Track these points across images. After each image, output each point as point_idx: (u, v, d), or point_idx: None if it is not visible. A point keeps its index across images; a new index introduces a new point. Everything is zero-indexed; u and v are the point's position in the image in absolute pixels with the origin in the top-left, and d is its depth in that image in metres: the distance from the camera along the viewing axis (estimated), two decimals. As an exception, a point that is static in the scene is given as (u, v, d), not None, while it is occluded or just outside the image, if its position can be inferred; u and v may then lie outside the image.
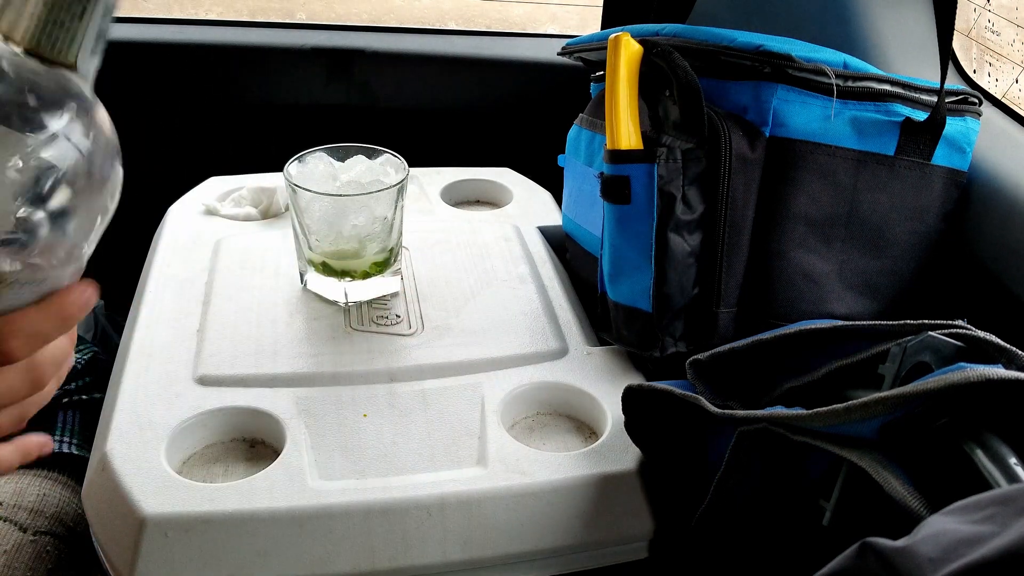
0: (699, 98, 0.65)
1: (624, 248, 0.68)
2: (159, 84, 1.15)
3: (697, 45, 0.69)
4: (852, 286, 0.70)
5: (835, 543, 0.38)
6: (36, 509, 0.70)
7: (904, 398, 0.44)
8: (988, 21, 1.25)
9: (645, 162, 0.65)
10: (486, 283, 0.82)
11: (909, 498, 0.42)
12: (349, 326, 0.75)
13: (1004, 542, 0.29)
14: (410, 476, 0.61)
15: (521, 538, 0.60)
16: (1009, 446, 0.42)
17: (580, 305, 0.82)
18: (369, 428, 0.65)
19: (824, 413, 0.48)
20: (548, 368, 0.72)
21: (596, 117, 0.80)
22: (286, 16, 3.03)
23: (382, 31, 1.23)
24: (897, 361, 0.50)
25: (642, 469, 0.63)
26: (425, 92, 1.20)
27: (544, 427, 0.69)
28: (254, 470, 0.61)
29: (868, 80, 0.67)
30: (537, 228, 0.93)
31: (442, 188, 1.00)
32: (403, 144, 0.84)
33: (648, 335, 0.69)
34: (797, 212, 0.67)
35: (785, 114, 0.67)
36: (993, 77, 1.13)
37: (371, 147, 0.79)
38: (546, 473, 0.61)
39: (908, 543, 0.33)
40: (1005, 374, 0.42)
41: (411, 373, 0.70)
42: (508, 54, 1.21)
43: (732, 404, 0.59)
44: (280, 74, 1.17)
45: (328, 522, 0.58)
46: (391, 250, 0.77)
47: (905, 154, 0.68)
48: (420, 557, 0.58)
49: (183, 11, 2.94)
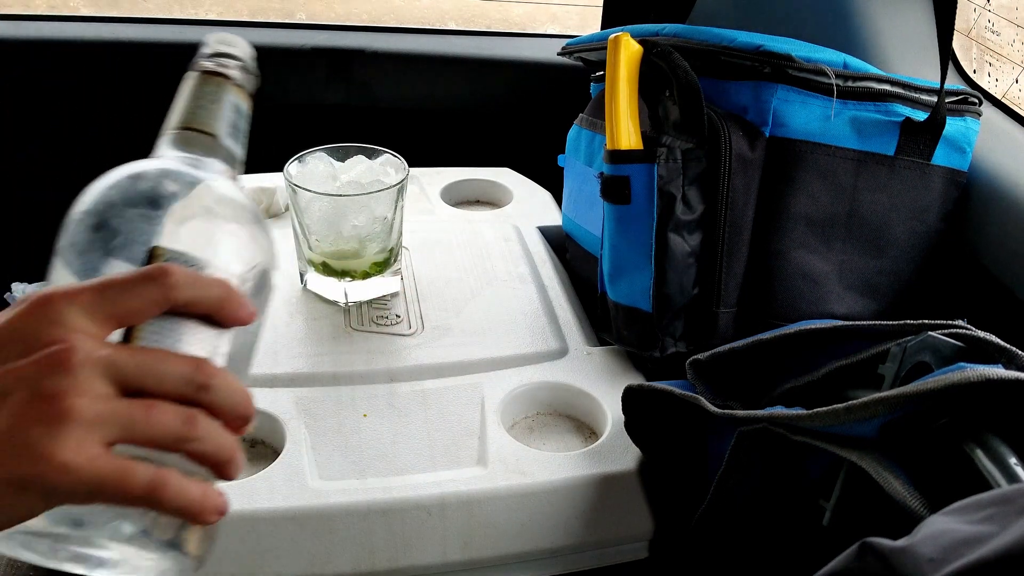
0: (699, 98, 0.65)
1: (624, 248, 0.68)
2: (159, 84, 1.15)
3: (697, 45, 0.69)
4: (852, 286, 0.69)
5: (835, 543, 0.38)
6: None
7: (904, 398, 0.44)
8: (988, 21, 1.25)
9: (645, 162, 0.65)
10: (486, 283, 0.82)
11: (909, 498, 0.42)
12: (349, 326, 0.75)
13: (1004, 542, 0.29)
14: (410, 476, 0.61)
15: (521, 538, 0.60)
16: (1009, 446, 0.42)
17: (580, 305, 0.82)
18: (369, 428, 0.65)
19: (824, 413, 0.48)
20: (548, 368, 0.72)
21: (596, 117, 0.80)
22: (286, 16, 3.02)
23: (382, 31, 1.23)
24: (897, 361, 0.50)
25: (642, 469, 0.63)
26: (425, 92, 1.20)
27: (544, 427, 0.69)
28: (254, 470, 0.61)
29: (868, 80, 0.67)
30: (537, 228, 0.93)
31: (442, 188, 1.00)
32: (403, 144, 0.84)
33: (648, 335, 0.69)
34: (797, 212, 0.67)
35: (785, 114, 0.67)
36: (993, 77, 1.13)
37: (371, 147, 0.79)
38: (546, 473, 0.61)
39: (908, 543, 0.33)
40: (1005, 374, 0.42)
41: (411, 373, 0.70)
42: (508, 54, 1.21)
43: (732, 404, 0.59)
44: (280, 74, 1.17)
45: (328, 522, 0.58)
46: (391, 250, 0.77)
47: (905, 154, 0.68)
48: (420, 557, 0.58)
49: (183, 11, 2.94)
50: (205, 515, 0.34)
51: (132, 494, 0.32)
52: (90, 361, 0.32)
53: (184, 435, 0.34)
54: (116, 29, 1.16)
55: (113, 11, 2.70)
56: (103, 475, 0.31)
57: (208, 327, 0.37)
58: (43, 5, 2.91)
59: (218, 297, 0.36)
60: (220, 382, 0.35)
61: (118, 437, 0.32)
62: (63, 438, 0.31)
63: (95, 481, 0.31)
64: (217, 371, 0.35)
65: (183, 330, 0.36)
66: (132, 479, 0.32)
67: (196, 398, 0.34)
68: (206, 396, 0.35)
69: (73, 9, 2.90)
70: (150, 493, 0.32)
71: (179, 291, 0.35)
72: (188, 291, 0.35)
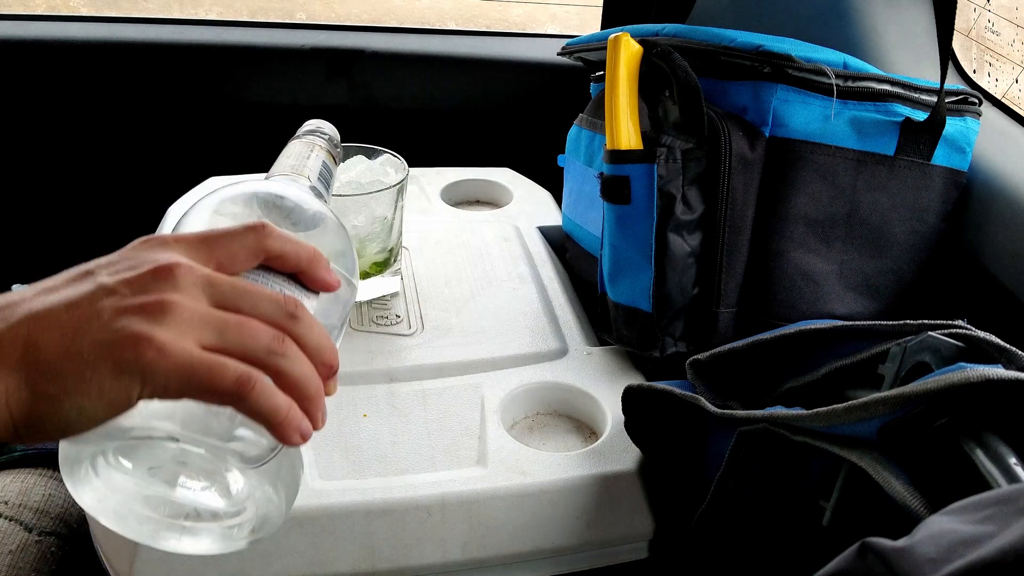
0: (699, 98, 0.65)
1: (624, 248, 0.68)
2: (159, 84, 1.15)
3: (697, 45, 0.69)
4: (852, 286, 0.69)
5: (835, 543, 0.38)
6: (41, 509, 0.70)
7: (904, 398, 0.44)
8: (988, 21, 1.25)
9: (645, 162, 0.65)
10: (486, 283, 0.82)
11: (909, 498, 0.42)
12: (349, 326, 0.75)
13: (1004, 542, 0.29)
14: (410, 476, 0.61)
15: (521, 538, 0.60)
16: (1009, 446, 0.42)
17: (580, 305, 0.82)
18: (369, 428, 0.65)
19: (824, 413, 0.48)
20: (548, 368, 0.72)
21: (596, 117, 0.80)
22: (286, 16, 3.02)
23: (382, 31, 1.23)
24: (897, 361, 0.50)
25: (642, 469, 0.63)
26: (425, 92, 1.20)
27: (544, 427, 0.69)
28: (254, 470, 0.61)
29: (868, 80, 0.67)
30: (537, 228, 0.93)
31: (442, 188, 1.00)
32: (403, 144, 0.84)
33: (648, 335, 0.69)
34: (797, 212, 0.67)
35: (785, 114, 0.67)
36: (993, 77, 1.13)
37: (371, 147, 0.79)
38: (546, 473, 0.61)
39: (908, 543, 0.33)
40: (1005, 374, 0.42)
41: (411, 373, 0.70)
42: (508, 54, 1.21)
43: (732, 404, 0.59)
44: (280, 74, 1.17)
45: (328, 522, 0.58)
46: (391, 250, 0.77)
47: (905, 154, 0.68)
48: (420, 557, 0.58)
49: (183, 11, 2.94)
50: (288, 427, 0.35)
51: (222, 386, 0.33)
52: (192, 275, 0.35)
53: (274, 348, 0.35)
54: (116, 29, 1.16)
55: (113, 11, 2.70)
56: (196, 363, 0.33)
57: (297, 287, 0.40)
58: (43, 5, 2.91)
59: (308, 257, 0.40)
60: (309, 319, 0.37)
61: (212, 341, 0.34)
62: (162, 327, 0.33)
63: (188, 367, 0.33)
64: (307, 312, 0.37)
65: (275, 281, 0.39)
66: (224, 370, 0.33)
67: (286, 326, 0.36)
68: (296, 326, 0.36)
69: (73, 9, 2.91)
70: (239, 387, 0.33)
71: (273, 241, 0.38)
72: (281, 243, 0.39)
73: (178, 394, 0.33)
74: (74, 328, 0.33)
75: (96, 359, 0.32)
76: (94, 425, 0.33)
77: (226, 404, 0.34)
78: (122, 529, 0.37)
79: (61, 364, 0.32)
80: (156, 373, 0.32)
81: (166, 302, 0.33)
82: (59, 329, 0.33)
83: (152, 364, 0.32)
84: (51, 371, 0.32)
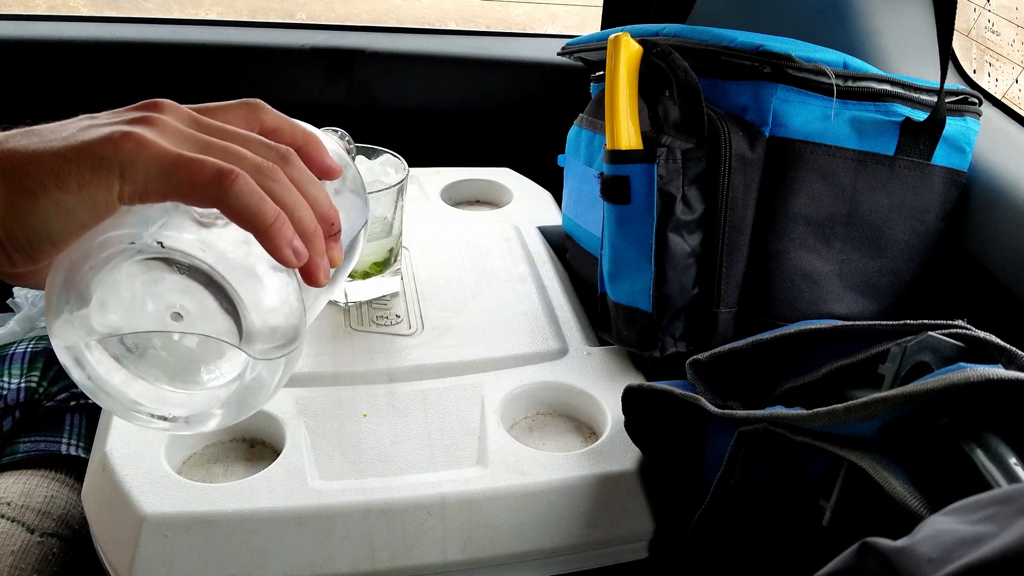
0: (699, 98, 0.65)
1: (624, 248, 0.68)
2: (159, 84, 1.15)
3: (697, 45, 0.69)
4: (852, 286, 0.69)
5: (835, 543, 0.38)
6: (43, 510, 0.70)
7: (904, 398, 0.44)
8: (988, 21, 1.25)
9: (645, 162, 0.65)
10: (486, 283, 0.82)
11: (909, 498, 0.42)
12: (349, 326, 0.75)
13: (1004, 542, 0.29)
14: (410, 476, 0.61)
15: (521, 538, 0.60)
16: (1009, 446, 0.42)
17: (580, 305, 0.82)
18: (369, 428, 0.65)
19: (824, 413, 0.48)
20: (548, 368, 0.72)
21: (596, 117, 0.80)
22: (286, 16, 3.02)
23: (382, 31, 1.23)
24: (897, 361, 0.50)
25: (642, 469, 0.63)
26: (425, 92, 1.20)
27: (544, 427, 0.69)
28: (254, 470, 0.61)
29: (868, 80, 0.67)
30: (537, 228, 0.93)
31: (442, 188, 1.00)
32: (403, 144, 0.84)
33: (648, 335, 0.69)
34: (797, 212, 0.67)
35: (785, 114, 0.67)
36: (993, 77, 1.13)
37: (371, 147, 0.79)
38: (546, 473, 0.61)
39: (908, 543, 0.33)
40: (1005, 374, 0.42)
41: (411, 373, 0.70)
42: (508, 54, 1.21)
43: (732, 404, 0.59)
44: (280, 74, 1.17)
45: (328, 522, 0.58)
46: (391, 250, 0.77)
47: (905, 154, 0.68)
48: (420, 557, 0.58)
49: (183, 11, 2.94)
50: (279, 236, 0.33)
51: (202, 178, 0.32)
52: (180, 111, 0.35)
53: (263, 169, 0.34)
54: (116, 29, 1.16)
55: (113, 11, 2.70)
56: (176, 156, 0.32)
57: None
58: (43, 5, 2.91)
59: (303, 135, 0.39)
60: (303, 167, 0.36)
61: (196, 153, 0.34)
62: (144, 128, 0.33)
63: (168, 159, 0.32)
64: (300, 161, 0.36)
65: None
66: (204, 163, 0.33)
67: (278, 164, 0.35)
68: (289, 168, 0.35)
69: (73, 9, 2.91)
70: (221, 179, 0.33)
71: (267, 114, 0.38)
72: (275, 117, 0.38)
73: (159, 193, 0.33)
74: (52, 131, 0.33)
75: (75, 155, 0.32)
76: (78, 228, 0.33)
77: (208, 205, 0.33)
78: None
79: (38, 159, 0.32)
80: (135, 165, 0.32)
81: (151, 117, 0.34)
82: (38, 135, 0.33)
83: (130, 155, 0.32)
84: (27, 167, 0.32)
